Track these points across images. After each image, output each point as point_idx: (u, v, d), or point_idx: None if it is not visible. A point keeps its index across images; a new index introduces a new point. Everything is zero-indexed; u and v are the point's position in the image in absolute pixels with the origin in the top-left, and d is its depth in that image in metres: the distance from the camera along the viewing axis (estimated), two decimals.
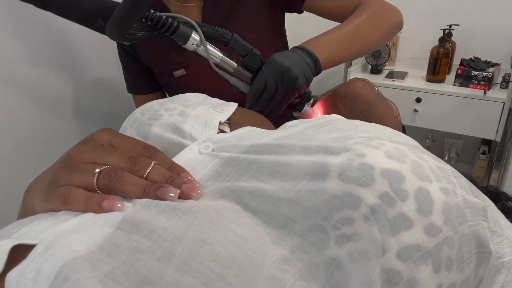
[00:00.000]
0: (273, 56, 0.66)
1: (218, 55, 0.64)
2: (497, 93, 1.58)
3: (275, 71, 0.64)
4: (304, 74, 0.66)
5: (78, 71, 1.14)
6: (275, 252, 0.28)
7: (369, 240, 0.26)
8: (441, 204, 0.28)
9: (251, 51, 0.65)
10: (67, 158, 0.33)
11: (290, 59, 0.65)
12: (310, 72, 0.67)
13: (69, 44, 1.10)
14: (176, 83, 0.94)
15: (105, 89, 1.24)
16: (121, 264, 0.25)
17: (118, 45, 0.97)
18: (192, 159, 0.38)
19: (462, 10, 1.81)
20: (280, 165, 0.32)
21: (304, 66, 0.66)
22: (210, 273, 0.25)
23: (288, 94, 0.66)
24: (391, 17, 0.84)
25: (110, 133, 0.36)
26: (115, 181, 0.31)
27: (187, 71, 0.91)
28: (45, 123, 1.05)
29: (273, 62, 0.65)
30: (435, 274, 0.26)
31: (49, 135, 1.07)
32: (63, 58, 1.09)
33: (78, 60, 1.14)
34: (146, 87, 1.02)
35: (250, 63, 0.66)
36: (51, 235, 0.27)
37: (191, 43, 0.61)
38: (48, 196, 0.32)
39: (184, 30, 0.60)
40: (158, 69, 0.96)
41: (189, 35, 0.60)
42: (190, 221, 0.28)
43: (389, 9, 0.85)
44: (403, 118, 0.64)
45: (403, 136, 0.39)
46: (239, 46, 0.64)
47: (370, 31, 0.80)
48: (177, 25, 0.60)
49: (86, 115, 1.19)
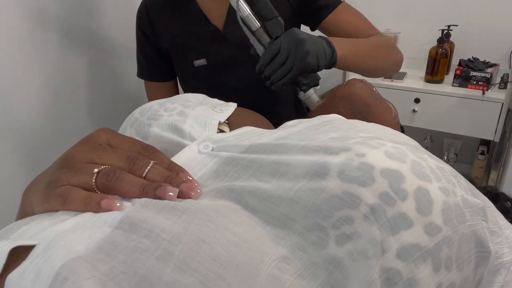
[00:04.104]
0: (293, 28, 0.69)
1: (247, 10, 0.69)
2: (495, 94, 1.58)
3: (291, 40, 0.68)
4: (316, 55, 0.68)
5: (78, 71, 1.14)
6: (275, 252, 0.28)
7: (369, 240, 0.26)
8: (441, 203, 0.28)
9: (275, 17, 0.69)
10: (65, 159, 0.33)
11: (309, 37, 0.69)
12: (323, 56, 0.70)
13: (70, 43, 1.10)
14: (195, 72, 0.95)
15: (106, 89, 1.24)
16: (120, 264, 0.24)
17: (138, 29, 0.97)
18: (192, 159, 0.38)
19: (461, 11, 1.81)
20: (280, 165, 0.32)
21: (320, 48, 0.69)
22: (209, 273, 0.25)
23: (297, 65, 0.68)
24: (397, 54, 0.93)
25: (108, 133, 0.36)
26: (114, 181, 0.31)
27: (207, 61, 0.92)
28: (44, 123, 1.05)
29: (292, 32, 0.68)
30: (435, 274, 0.26)
31: (49, 134, 1.07)
32: (64, 57, 1.09)
33: (79, 59, 1.14)
34: (159, 74, 1.02)
35: (272, 28, 0.70)
36: (49, 235, 0.27)
37: None
38: (47, 197, 0.31)
39: None
40: (179, 55, 0.97)
41: None
42: (189, 221, 0.28)
43: (396, 48, 0.95)
44: (401, 119, 0.64)
45: (403, 136, 0.39)
46: (266, 8, 0.69)
47: (381, 54, 0.87)
48: None
49: (86, 114, 1.19)
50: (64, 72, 1.09)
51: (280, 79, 0.69)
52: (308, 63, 0.67)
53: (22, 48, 0.97)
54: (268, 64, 0.70)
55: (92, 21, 1.16)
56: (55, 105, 1.08)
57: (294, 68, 0.68)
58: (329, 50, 0.71)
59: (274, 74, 0.69)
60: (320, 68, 0.71)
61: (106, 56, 1.21)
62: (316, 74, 0.72)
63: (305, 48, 0.66)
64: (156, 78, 1.03)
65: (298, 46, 0.67)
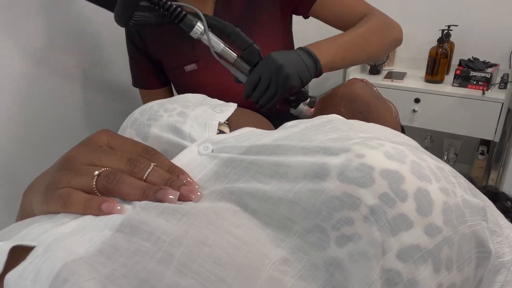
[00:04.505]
0: (270, 53, 0.69)
1: (220, 45, 0.69)
2: (495, 94, 1.58)
3: (269, 66, 0.67)
4: (298, 74, 0.68)
5: (79, 70, 1.14)
6: (275, 254, 0.28)
7: (369, 241, 0.26)
8: (441, 204, 0.28)
9: (250, 46, 0.69)
10: (66, 160, 0.33)
11: (286, 58, 0.68)
12: (306, 73, 0.70)
13: (72, 42, 1.10)
14: (186, 78, 0.95)
15: (107, 88, 1.24)
16: (120, 267, 0.24)
17: (128, 38, 0.97)
18: (192, 160, 0.38)
19: (461, 11, 1.81)
20: (279, 166, 0.32)
21: (300, 66, 0.69)
22: (210, 275, 0.25)
23: (280, 89, 0.69)
24: (392, 32, 0.88)
25: (109, 135, 0.36)
26: (115, 184, 0.31)
27: (198, 66, 0.92)
28: (45, 123, 1.05)
29: (269, 58, 0.68)
30: (435, 274, 0.26)
31: (49, 134, 1.07)
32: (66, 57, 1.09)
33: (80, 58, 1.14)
34: (154, 82, 1.02)
35: (249, 57, 0.70)
36: (50, 238, 0.27)
37: (195, 31, 0.67)
38: (47, 199, 0.31)
39: (190, 19, 0.66)
40: (169, 63, 0.96)
41: (194, 24, 0.66)
42: (190, 223, 0.28)
43: (391, 25, 0.89)
44: (401, 119, 0.64)
45: (403, 136, 0.39)
46: (239, 39, 0.68)
47: (372, 42, 0.83)
48: (185, 14, 0.66)
49: (87, 114, 1.19)
50: (66, 71, 1.10)
51: (267, 103, 0.70)
52: (291, 86, 0.67)
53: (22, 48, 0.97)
54: (252, 92, 0.70)
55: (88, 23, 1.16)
56: (55, 104, 1.08)
57: (278, 92, 0.69)
58: (311, 63, 0.70)
59: (260, 100, 0.70)
60: (306, 84, 0.71)
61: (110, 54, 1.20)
62: (303, 89, 0.72)
63: (285, 72, 0.66)
64: (150, 86, 1.03)
65: (278, 72, 0.67)
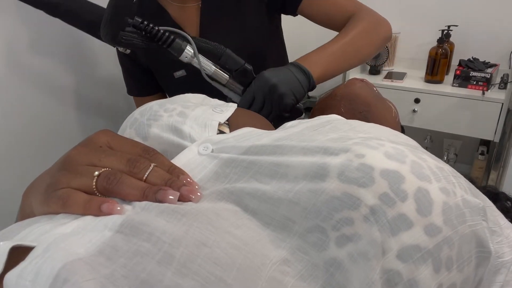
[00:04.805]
0: (263, 72, 0.68)
1: (211, 67, 0.69)
2: (495, 94, 1.58)
3: (263, 86, 0.67)
4: (292, 91, 0.67)
5: (81, 69, 1.14)
6: (275, 254, 0.28)
7: (369, 241, 0.26)
8: (441, 204, 0.28)
9: (242, 66, 0.68)
10: (65, 161, 0.33)
11: (279, 76, 0.67)
12: (300, 89, 0.69)
13: (74, 41, 1.10)
14: (176, 84, 0.94)
15: (108, 88, 1.24)
16: (120, 268, 0.24)
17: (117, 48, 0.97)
18: (192, 161, 0.38)
19: (461, 11, 1.81)
20: (279, 166, 0.32)
21: (294, 83, 0.68)
22: (210, 276, 0.25)
23: (275, 109, 0.68)
24: (382, 31, 0.86)
25: (108, 135, 0.36)
26: (114, 184, 0.31)
27: (187, 71, 0.91)
28: (45, 123, 1.05)
29: (262, 78, 0.67)
30: (435, 274, 0.26)
31: (50, 134, 1.07)
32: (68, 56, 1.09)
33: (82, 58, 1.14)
34: (147, 89, 1.03)
35: (241, 77, 0.69)
36: (50, 238, 0.27)
37: (185, 55, 0.66)
38: (47, 199, 0.31)
39: (179, 44, 0.66)
40: (158, 70, 0.96)
41: (183, 48, 0.66)
42: (190, 224, 0.28)
43: (380, 23, 0.87)
44: (401, 119, 0.64)
45: (403, 136, 0.39)
46: (230, 61, 0.67)
47: (362, 45, 0.82)
48: (173, 39, 0.65)
49: (87, 114, 1.19)
50: (68, 69, 1.10)
51: None
52: (285, 104, 0.67)
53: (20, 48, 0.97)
54: None
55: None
56: (55, 104, 1.08)
57: (273, 112, 0.68)
58: (304, 78, 0.70)
59: None
60: (300, 101, 0.70)
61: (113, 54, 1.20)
62: (297, 106, 0.71)
63: (279, 92, 0.66)
64: (144, 93, 1.03)
65: (272, 91, 0.66)
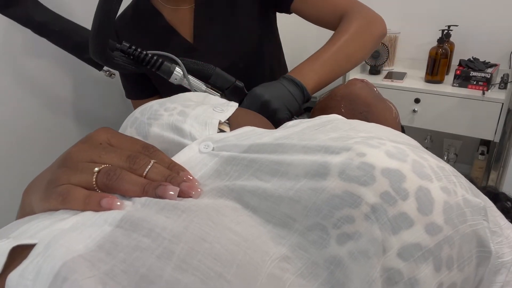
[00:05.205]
0: (254, 89, 0.67)
1: (202, 87, 0.68)
2: (495, 94, 1.58)
3: (255, 103, 0.66)
4: (286, 106, 0.66)
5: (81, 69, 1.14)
6: (275, 251, 0.28)
7: (370, 239, 0.26)
8: (442, 203, 0.28)
9: (233, 84, 0.67)
10: (65, 158, 0.33)
11: (271, 92, 0.66)
12: (294, 103, 0.68)
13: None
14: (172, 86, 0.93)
15: (107, 90, 1.24)
16: (120, 263, 0.24)
17: None
18: (192, 158, 0.38)
19: (461, 11, 1.82)
20: (280, 164, 0.32)
21: (287, 98, 0.67)
22: (210, 272, 0.25)
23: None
24: (375, 30, 0.84)
25: (109, 132, 0.36)
26: (114, 180, 0.31)
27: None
28: (45, 122, 1.05)
29: (253, 94, 0.66)
30: (436, 273, 0.26)
31: (50, 134, 1.07)
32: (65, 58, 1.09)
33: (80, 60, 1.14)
34: (145, 92, 1.02)
35: (233, 95, 0.68)
36: (49, 234, 0.27)
37: (175, 77, 0.66)
38: (47, 196, 0.31)
39: (168, 66, 0.66)
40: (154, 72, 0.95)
41: (172, 70, 0.66)
42: (190, 220, 0.28)
43: (373, 21, 0.84)
44: (401, 119, 0.64)
45: (404, 136, 0.39)
46: (220, 79, 0.67)
47: (354, 50, 0.80)
48: (161, 62, 0.65)
49: (87, 114, 1.19)
50: (67, 69, 1.09)
51: None
52: (279, 119, 0.66)
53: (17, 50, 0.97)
54: None
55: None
56: (55, 103, 1.08)
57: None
58: (297, 91, 0.68)
59: None
60: (294, 115, 0.69)
61: None
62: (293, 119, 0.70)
63: (272, 107, 0.64)
64: (142, 96, 1.03)
65: (264, 107, 0.65)
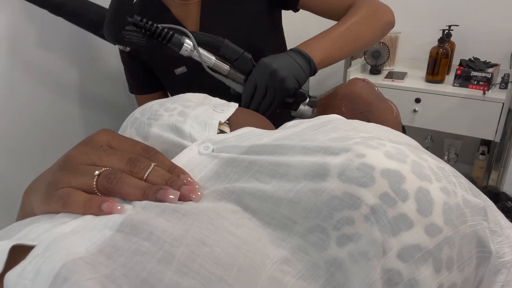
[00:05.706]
0: (262, 59, 0.69)
1: (211, 58, 0.70)
2: (496, 94, 1.58)
3: (263, 73, 0.68)
4: (294, 76, 0.68)
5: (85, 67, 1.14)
6: (275, 253, 0.28)
7: (370, 241, 0.26)
8: (442, 204, 0.28)
9: (241, 55, 0.69)
10: (66, 160, 0.33)
11: (279, 62, 0.68)
12: (302, 73, 0.70)
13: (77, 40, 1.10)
14: (177, 81, 0.95)
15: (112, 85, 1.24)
16: (121, 267, 0.24)
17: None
18: (192, 160, 0.38)
19: (461, 11, 1.81)
20: (280, 166, 0.32)
21: (295, 68, 0.69)
22: (210, 275, 0.25)
23: (278, 94, 0.69)
24: (383, 16, 0.87)
25: (109, 135, 0.36)
26: (115, 183, 0.31)
27: (188, 68, 0.92)
28: (45, 122, 1.05)
29: (262, 64, 0.68)
30: (436, 274, 0.26)
31: (53, 132, 1.07)
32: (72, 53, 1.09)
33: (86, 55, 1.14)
34: (148, 87, 1.03)
35: (241, 66, 0.70)
36: (50, 237, 0.27)
37: (185, 49, 0.68)
38: (47, 198, 0.31)
39: (178, 38, 0.67)
40: (159, 67, 0.96)
41: (182, 42, 0.67)
42: (190, 223, 0.28)
43: (381, 9, 0.87)
44: (402, 119, 0.64)
45: (403, 136, 0.39)
46: (229, 50, 0.69)
47: (363, 31, 0.83)
48: (172, 34, 0.67)
49: (91, 111, 1.19)
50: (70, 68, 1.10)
51: (267, 109, 0.70)
52: (288, 88, 0.68)
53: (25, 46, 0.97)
54: (251, 100, 0.70)
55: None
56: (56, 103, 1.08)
57: (276, 97, 0.69)
58: (305, 63, 0.70)
59: (260, 107, 0.70)
60: (302, 85, 0.71)
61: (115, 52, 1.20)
62: (301, 90, 0.72)
63: (280, 76, 0.66)
64: (145, 91, 1.04)
65: (273, 77, 0.67)
